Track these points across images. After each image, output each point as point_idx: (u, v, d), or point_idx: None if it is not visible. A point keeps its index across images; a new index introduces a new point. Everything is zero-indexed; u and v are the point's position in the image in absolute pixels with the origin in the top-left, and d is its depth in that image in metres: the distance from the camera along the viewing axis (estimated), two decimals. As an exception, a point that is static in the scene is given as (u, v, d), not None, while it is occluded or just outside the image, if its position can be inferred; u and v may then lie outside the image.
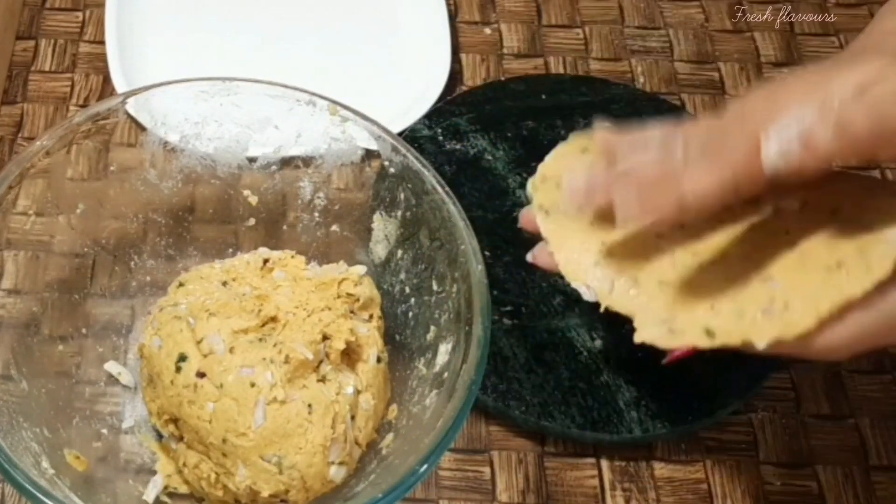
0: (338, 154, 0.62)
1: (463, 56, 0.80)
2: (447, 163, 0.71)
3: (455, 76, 0.77)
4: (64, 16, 0.81)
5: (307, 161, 0.63)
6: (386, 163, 0.60)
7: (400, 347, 0.60)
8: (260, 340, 0.55)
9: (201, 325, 0.56)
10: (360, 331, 0.57)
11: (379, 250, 0.62)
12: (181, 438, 0.56)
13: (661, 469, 0.62)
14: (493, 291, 0.61)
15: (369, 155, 0.61)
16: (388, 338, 0.60)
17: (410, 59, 0.78)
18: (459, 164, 0.71)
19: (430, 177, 0.58)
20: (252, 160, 0.63)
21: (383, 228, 0.62)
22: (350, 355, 0.57)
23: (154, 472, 0.58)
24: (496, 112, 0.74)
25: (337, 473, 0.55)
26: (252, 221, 0.65)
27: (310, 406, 0.54)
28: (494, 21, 0.82)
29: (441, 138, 0.72)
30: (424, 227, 0.59)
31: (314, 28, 0.80)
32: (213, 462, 0.55)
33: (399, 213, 0.61)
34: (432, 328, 0.58)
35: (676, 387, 0.62)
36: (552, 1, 0.83)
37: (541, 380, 0.62)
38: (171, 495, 0.57)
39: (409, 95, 0.75)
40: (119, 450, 0.59)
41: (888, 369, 0.66)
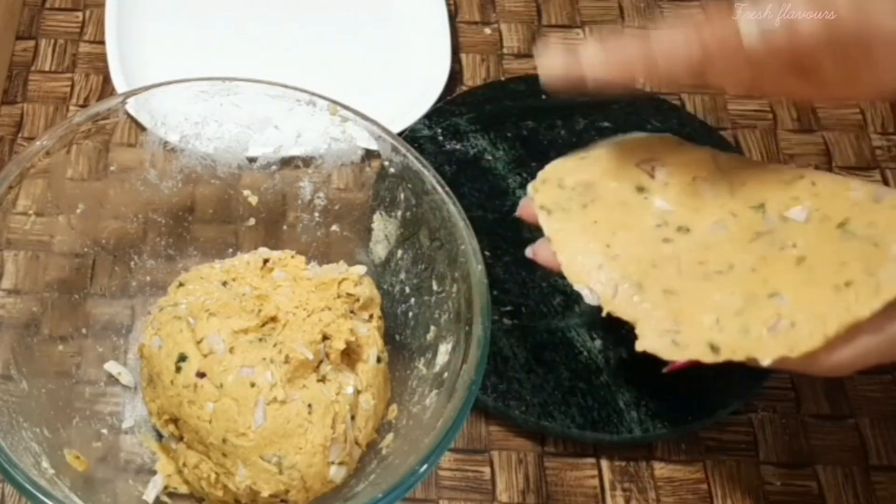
0: (338, 154, 0.62)
1: (463, 56, 0.80)
2: (447, 163, 0.71)
3: (455, 76, 0.77)
4: (64, 16, 0.81)
5: (307, 161, 0.63)
6: (386, 163, 0.60)
7: (400, 347, 0.60)
8: (260, 340, 0.55)
9: (201, 325, 0.56)
10: (360, 331, 0.57)
11: (379, 250, 0.62)
12: (181, 438, 0.56)
13: (661, 469, 0.62)
14: (493, 291, 0.61)
15: (369, 155, 0.61)
16: (388, 338, 0.60)
17: (410, 59, 0.78)
18: (459, 164, 0.71)
19: (430, 177, 0.58)
20: (252, 160, 0.63)
21: (383, 228, 0.62)
22: (350, 355, 0.57)
23: (154, 472, 0.58)
24: (496, 112, 0.74)
25: (337, 473, 0.55)
26: (252, 221, 0.65)
27: (310, 406, 0.54)
28: (494, 21, 0.82)
29: (441, 138, 0.72)
30: (424, 227, 0.59)
31: (314, 28, 0.80)
32: (213, 462, 0.55)
33: (399, 213, 0.61)
34: (432, 328, 0.58)
35: (676, 387, 0.62)
36: (552, 1, 0.83)
37: (541, 380, 0.62)
38: (171, 495, 0.57)
39: (409, 95, 0.75)
40: (119, 450, 0.59)
41: (888, 369, 0.66)
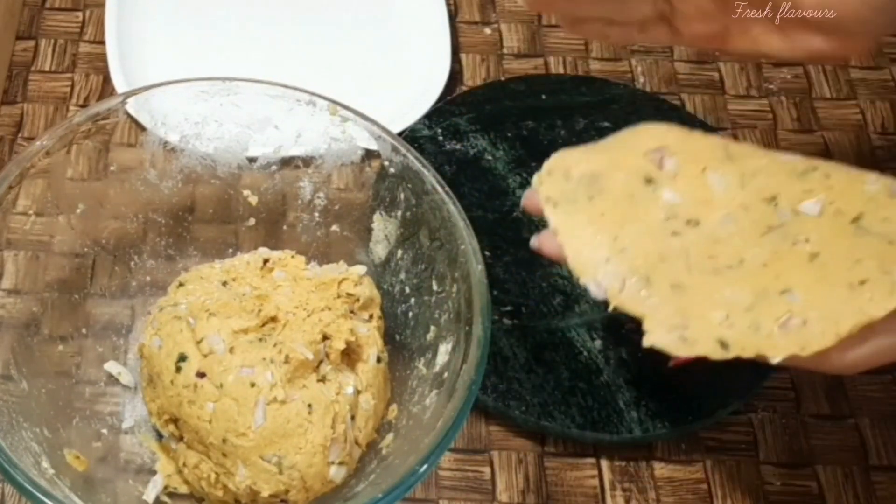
0: (338, 154, 0.62)
1: (463, 56, 0.80)
2: (447, 163, 0.71)
3: (455, 76, 0.77)
4: (64, 16, 0.81)
5: (307, 161, 0.63)
6: (386, 163, 0.60)
7: (400, 347, 0.60)
8: (260, 340, 0.55)
9: (201, 325, 0.56)
10: (360, 331, 0.57)
11: (379, 250, 0.62)
12: (181, 438, 0.56)
13: (661, 469, 0.62)
14: (493, 291, 0.61)
15: (369, 155, 0.61)
16: (388, 338, 0.60)
17: (410, 59, 0.78)
18: (459, 164, 0.71)
19: (430, 177, 0.58)
20: (252, 160, 0.63)
21: (383, 228, 0.62)
22: (350, 355, 0.57)
23: (154, 472, 0.58)
24: (496, 112, 0.74)
25: (337, 473, 0.55)
26: (252, 221, 0.65)
27: (310, 406, 0.54)
28: (494, 21, 0.82)
29: (441, 138, 0.72)
30: (424, 227, 0.59)
31: (314, 28, 0.80)
32: (213, 462, 0.55)
33: (399, 213, 0.61)
34: (432, 328, 0.58)
35: (676, 387, 0.62)
36: (552, 1, 0.83)
37: (541, 380, 0.62)
38: (171, 495, 0.57)
39: (409, 95, 0.75)
40: (119, 450, 0.59)
41: (888, 369, 0.66)
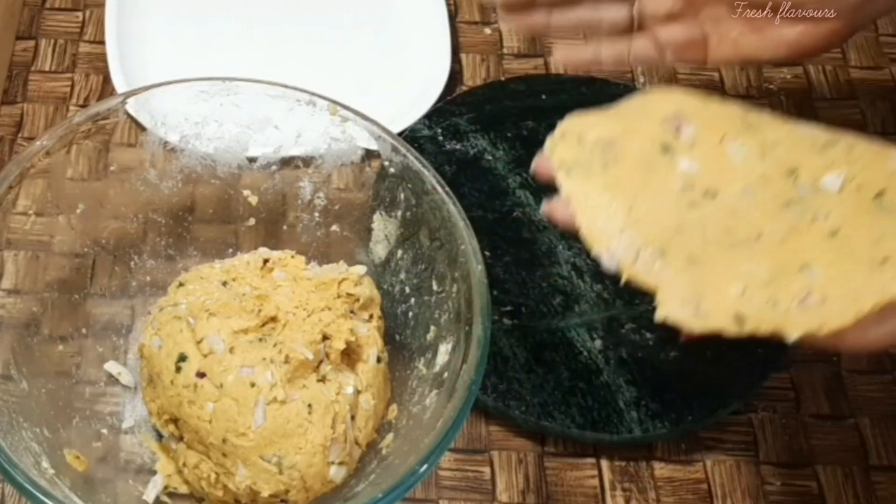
0: (338, 154, 0.62)
1: (463, 56, 0.80)
2: (447, 163, 0.71)
3: (455, 76, 0.77)
4: (64, 16, 0.81)
5: (307, 161, 0.63)
6: (386, 163, 0.60)
7: (400, 347, 0.60)
8: (260, 340, 0.55)
9: (201, 325, 0.56)
10: (360, 331, 0.57)
11: (379, 250, 0.62)
12: (181, 438, 0.56)
13: (661, 469, 0.62)
14: (493, 291, 0.61)
15: (369, 155, 0.61)
16: (388, 338, 0.60)
17: (410, 59, 0.78)
18: (459, 164, 0.71)
19: (430, 177, 0.58)
20: (252, 160, 0.63)
21: (383, 228, 0.62)
22: (350, 355, 0.57)
23: (154, 472, 0.58)
24: (496, 112, 0.74)
25: (337, 473, 0.55)
26: (252, 221, 0.65)
27: (310, 406, 0.54)
28: (494, 21, 0.82)
29: (441, 138, 0.72)
30: (424, 227, 0.59)
31: (314, 28, 0.80)
32: (213, 462, 0.55)
33: (399, 213, 0.61)
34: (432, 328, 0.58)
35: (676, 387, 0.62)
36: (552, 1, 0.83)
37: (541, 380, 0.62)
38: (171, 495, 0.57)
39: (409, 95, 0.75)
40: (119, 450, 0.59)
41: (888, 369, 0.66)
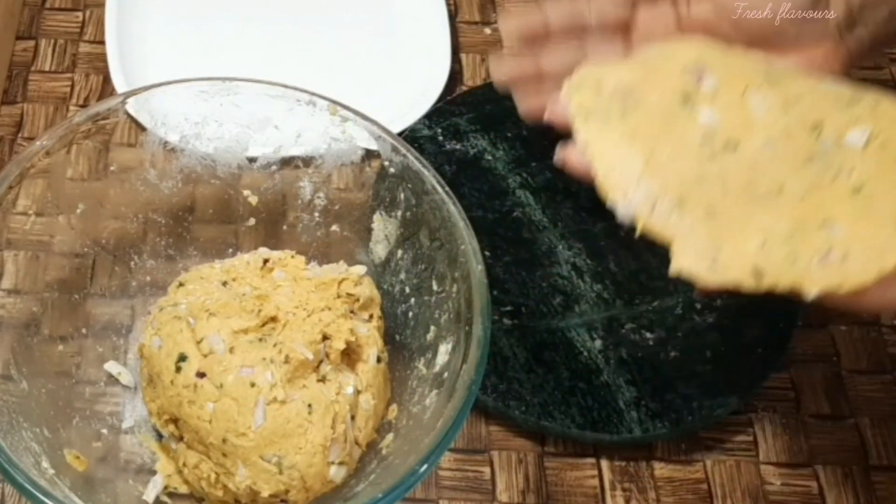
0: (338, 154, 0.62)
1: (463, 56, 0.80)
2: (447, 163, 0.71)
3: (455, 76, 0.77)
4: (64, 16, 0.81)
5: (307, 161, 0.63)
6: (386, 163, 0.60)
7: (400, 347, 0.60)
8: (260, 340, 0.55)
9: (201, 325, 0.56)
10: (360, 331, 0.57)
11: (379, 250, 0.62)
12: (181, 438, 0.56)
13: (661, 469, 0.62)
14: (493, 291, 0.61)
15: (369, 155, 0.61)
16: (388, 338, 0.60)
17: (410, 59, 0.78)
18: (459, 164, 0.71)
19: (430, 177, 0.58)
20: (252, 160, 0.63)
21: (383, 228, 0.62)
22: (350, 355, 0.57)
23: (154, 472, 0.58)
24: (496, 112, 0.74)
25: (337, 473, 0.55)
26: (252, 221, 0.65)
27: (310, 406, 0.54)
28: (494, 21, 0.82)
29: (441, 138, 0.72)
30: (424, 227, 0.59)
31: (314, 28, 0.80)
32: (213, 462, 0.55)
33: (399, 213, 0.61)
34: (432, 328, 0.58)
35: (676, 387, 0.62)
36: (552, 1, 0.83)
37: (541, 380, 0.62)
38: (171, 495, 0.57)
39: (409, 95, 0.75)
40: (119, 450, 0.59)
41: (888, 369, 0.66)
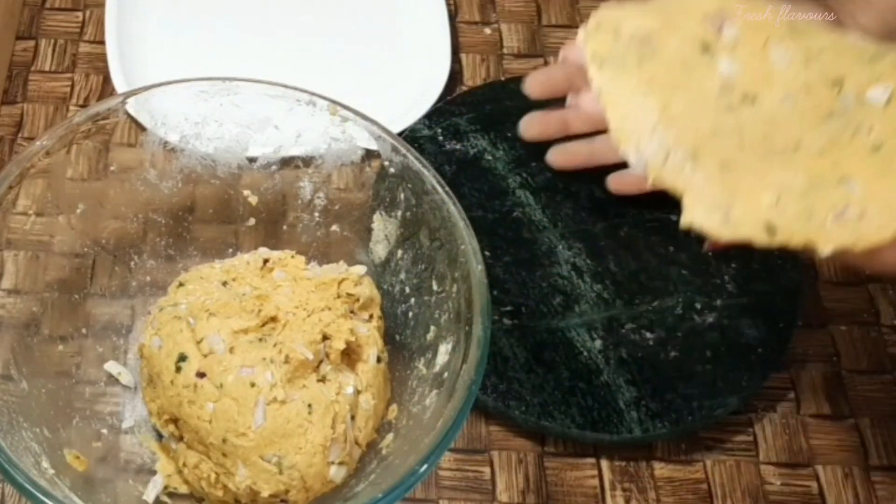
0: (338, 154, 0.62)
1: (463, 56, 0.80)
2: (447, 163, 0.71)
3: (455, 76, 0.77)
4: (64, 16, 0.81)
5: (307, 161, 0.63)
6: (386, 163, 0.60)
7: (400, 347, 0.60)
8: (260, 340, 0.55)
9: (201, 325, 0.56)
10: (360, 331, 0.57)
11: (379, 250, 0.62)
12: (181, 438, 0.56)
13: (661, 469, 0.62)
14: (493, 291, 0.61)
15: (369, 155, 0.61)
16: (388, 338, 0.60)
17: (410, 59, 0.78)
18: (459, 164, 0.71)
19: (430, 177, 0.58)
20: (252, 160, 0.63)
21: (383, 228, 0.62)
22: (350, 355, 0.57)
23: (154, 472, 0.58)
24: (496, 112, 0.74)
25: (337, 473, 0.55)
26: (252, 221, 0.65)
27: (310, 406, 0.54)
28: (494, 21, 0.82)
29: (441, 138, 0.72)
30: (424, 227, 0.59)
31: (314, 28, 0.80)
32: (213, 462, 0.55)
33: (399, 213, 0.61)
34: (432, 328, 0.58)
35: (676, 387, 0.62)
36: (552, 1, 0.83)
37: (541, 380, 0.62)
38: (171, 495, 0.57)
39: (409, 95, 0.75)
40: (119, 450, 0.59)
41: (888, 369, 0.66)
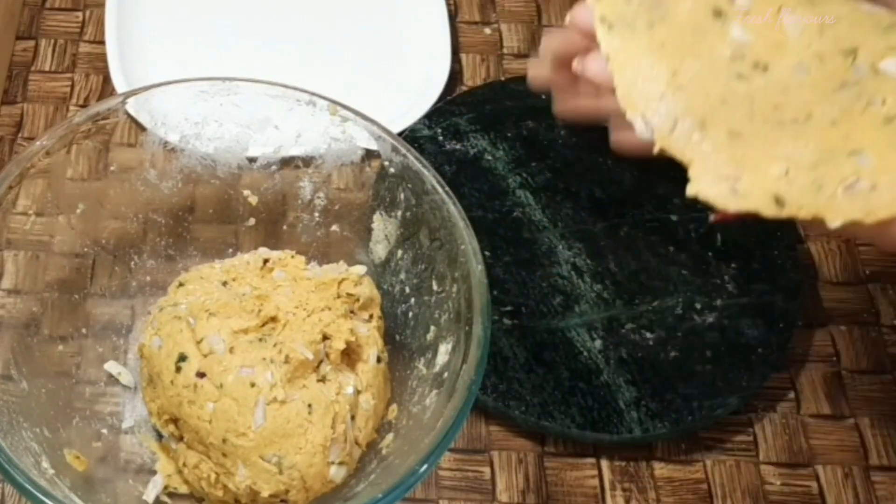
0: (338, 154, 0.62)
1: (463, 56, 0.80)
2: (447, 163, 0.71)
3: (455, 76, 0.77)
4: (64, 16, 0.81)
5: (307, 161, 0.63)
6: (386, 163, 0.60)
7: (400, 347, 0.60)
8: (260, 340, 0.55)
9: (201, 325, 0.56)
10: (360, 331, 0.57)
11: (379, 250, 0.62)
12: (181, 438, 0.56)
13: (661, 469, 0.62)
14: (493, 291, 0.61)
15: (369, 155, 0.61)
16: (388, 338, 0.60)
17: (410, 59, 0.78)
18: (459, 164, 0.71)
19: (430, 177, 0.58)
20: (252, 160, 0.63)
21: (383, 228, 0.62)
22: (350, 355, 0.57)
23: (154, 472, 0.58)
24: (496, 112, 0.74)
25: (337, 473, 0.55)
26: (252, 221, 0.65)
27: (310, 406, 0.54)
28: (494, 21, 0.82)
29: (441, 138, 0.72)
30: (424, 227, 0.59)
31: (314, 28, 0.80)
32: (213, 462, 0.55)
33: (399, 213, 0.61)
34: (432, 328, 0.58)
35: (676, 387, 0.62)
36: (552, 1, 0.83)
37: (541, 380, 0.62)
38: (171, 495, 0.57)
39: (409, 95, 0.75)
40: (119, 450, 0.59)
41: (888, 369, 0.66)
